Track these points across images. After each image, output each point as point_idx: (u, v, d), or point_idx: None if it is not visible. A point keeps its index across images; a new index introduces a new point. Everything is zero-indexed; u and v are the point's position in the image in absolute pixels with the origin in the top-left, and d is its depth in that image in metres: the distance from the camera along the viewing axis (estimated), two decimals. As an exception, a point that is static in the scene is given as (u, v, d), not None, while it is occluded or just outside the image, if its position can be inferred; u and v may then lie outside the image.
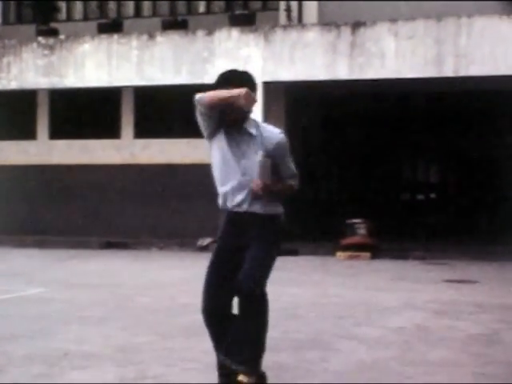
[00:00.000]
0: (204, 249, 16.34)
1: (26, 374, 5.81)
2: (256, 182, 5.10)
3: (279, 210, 5.42)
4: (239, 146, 5.23)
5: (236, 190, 5.21)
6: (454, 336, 7.48)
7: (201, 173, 17.77)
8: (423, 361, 6.38)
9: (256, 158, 5.18)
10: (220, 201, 5.35)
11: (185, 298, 9.55)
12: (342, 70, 16.11)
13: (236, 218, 5.25)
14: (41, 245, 17.58)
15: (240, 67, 15.57)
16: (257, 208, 5.22)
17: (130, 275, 12.53)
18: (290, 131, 18.66)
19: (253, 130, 5.25)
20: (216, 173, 5.35)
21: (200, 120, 5.36)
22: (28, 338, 7.17)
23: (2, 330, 7.60)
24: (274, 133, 5.36)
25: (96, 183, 18.74)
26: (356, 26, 16.02)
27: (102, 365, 6.13)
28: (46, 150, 19.44)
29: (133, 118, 18.98)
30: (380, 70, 15.93)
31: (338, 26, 16.13)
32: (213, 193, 5.36)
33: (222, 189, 5.30)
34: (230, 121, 5.23)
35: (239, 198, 5.21)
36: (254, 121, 5.33)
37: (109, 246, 17.27)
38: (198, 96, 5.29)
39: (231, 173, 5.23)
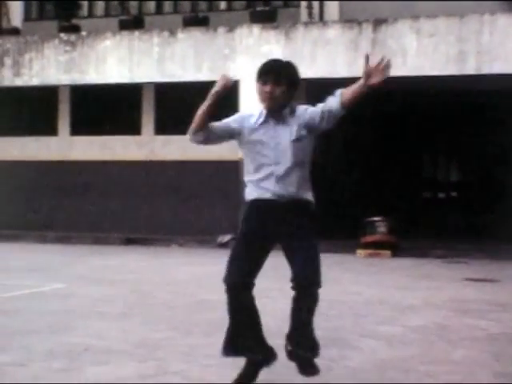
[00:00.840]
0: (224, 246, 16.34)
1: (47, 368, 5.83)
2: None
3: (310, 195, 5.34)
4: (275, 136, 5.21)
5: (267, 178, 5.17)
6: (475, 335, 7.44)
7: (221, 170, 17.85)
8: (444, 360, 6.35)
9: (290, 146, 5.16)
10: (250, 190, 5.29)
11: (204, 294, 9.55)
12: (362, 67, 16.02)
13: (268, 206, 5.20)
14: (62, 241, 17.67)
15: (261, 64, 15.47)
16: (292, 194, 5.18)
17: (150, 271, 12.55)
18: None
19: (289, 117, 5.24)
20: (248, 163, 5.31)
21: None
22: (48, 333, 7.20)
23: (22, 324, 7.63)
24: (304, 107, 5.34)
25: (117, 180, 18.79)
26: (377, 23, 15.97)
27: (122, 360, 6.14)
28: (66, 146, 19.51)
29: (153, 114, 19.01)
30: (401, 67, 15.84)
31: (359, 24, 16.08)
32: (232, 190, 5.36)
33: (252, 177, 5.25)
34: (268, 109, 5.26)
35: (271, 186, 5.17)
36: (291, 107, 5.29)
37: (129, 242, 17.32)
38: (188, 136, 5.51)
39: (265, 162, 5.20)
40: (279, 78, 5.25)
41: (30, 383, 5.43)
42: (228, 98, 19.21)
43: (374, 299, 9.62)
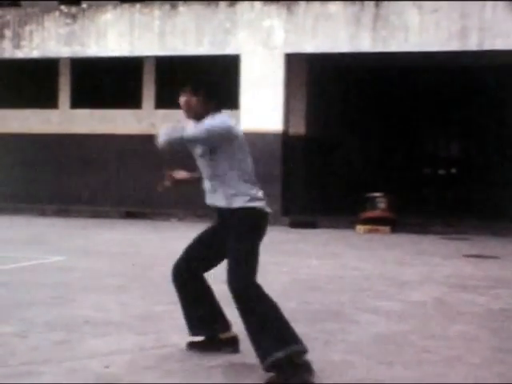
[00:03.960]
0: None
1: (47, 340, 5.85)
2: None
3: (242, 201, 5.30)
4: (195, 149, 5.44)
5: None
6: (473, 310, 7.47)
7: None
8: (442, 335, 6.38)
9: (201, 161, 5.38)
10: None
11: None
12: (364, 42, 16.00)
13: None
14: (61, 214, 17.69)
15: (262, 38, 15.61)
16: (221, 205, 5.35)
17: (149, 245, 12.58)
18: (311, 103, 18.66)
19: None
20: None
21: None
22: (48, 305, 7.23)
23: (22, 296, 7.66)
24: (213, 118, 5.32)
25: (117, 153, 18.77)
26: (380, -2, 15.89)
27: (121, 332, 6.16)
28: (67, 119, 19.47)
29: (154, 88, 18.96)
30: (403, 43, 15.80)
31: (361, -1, 16.00)
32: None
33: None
34: (189, 119, 5.42)
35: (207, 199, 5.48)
36: (212, 116, 5.30)
37: (128, 215, 17.33)
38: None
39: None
40: (196, 88, 5.31)
41: (28, 355, 5.46)
42: (229, 73, 19.16)
43: (374, 274, 9.64)
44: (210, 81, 5.47)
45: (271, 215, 5.40)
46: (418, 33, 15.70)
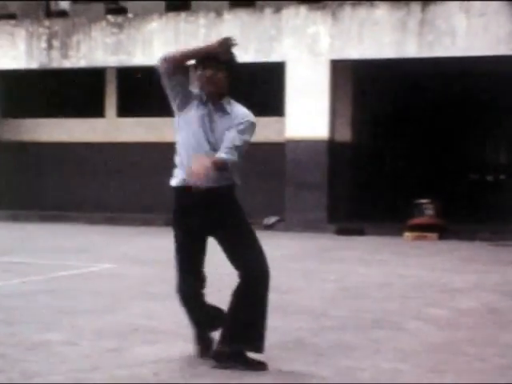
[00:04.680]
0: (269, 227, 16.35)
1: (97, 347, 5.88)
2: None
3: (231, 178, 5.29)
4: (211, 122, 5.21)
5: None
6: (525, 318, 7.36)
7: (272, 151, 17.77)
8: (494, 342, 6.28)
9: (226, 134, 5.15)
10: (179, 177, 5.34)
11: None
12: (410, 48, 15.89)
13: (200, 194, 5.16)
14: (109, 222, 17.81)
15: (307, 45, 15.62)
16: (221, 182, 5.18)
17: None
18: (356, 109, 18.56)
19: (228, 107, 5.24)
20: (181, 148, 5.34)
21: (168, 89, 5.30)
22: (98, 313, 7.27)
23: (72, 304, 7.71)
24: (246, 112, 5.32)
25: (163, 161, 18.79)
26: (426, 3, 15.76)
27: (170, 340, 6.18)
28: (113, 128, 19.62)
29: (200, 96, 19.00)
30: (450, 47, 15.66)
31: (407, 3, 15.88)
32: (279, 172, 5.35)
33: (185, 164, 5.24)
34: (208, 94, 5.20)
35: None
36: (229, 99, 5.29)
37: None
38: (162, 55, 5.18)
39: (199, 148, 5.19)
40: (231, 65, 5.23)
41: (80, 362, 5.49)
42: (273, 80, 19.15)
43: (422, 282, 9.55)
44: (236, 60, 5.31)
45: (315, 223, 5.47)
46: (465, 37, 15.54)
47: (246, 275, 5.20)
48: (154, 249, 13.00)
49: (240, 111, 5.29)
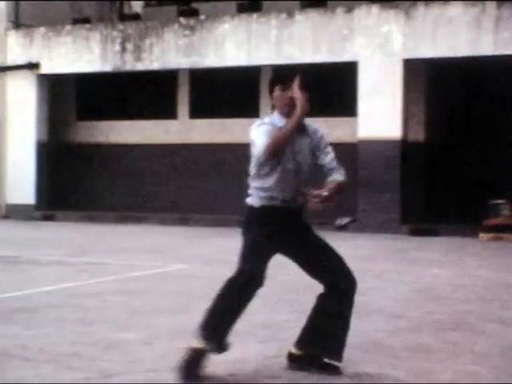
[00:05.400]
0: (342, 228, 16.27)
1: (172, 347, 5.91)
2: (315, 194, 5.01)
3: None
4: (293, 143, 5.20)
5: (288, 186, 5.24)
6: None
7: (344, 151, 17.62)
8: None
9: (309, 157, 5.21)
10: (264, 197, 5.45)
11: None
12: (486, 45, 15.63)
13: (284, 213, 5.27)
14: (182, 222, 17.94)
15: (380, 44, 15.48)
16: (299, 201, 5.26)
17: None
18: (430, 109, 18.32)
19: (304, 126, 5.23)
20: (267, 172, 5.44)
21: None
22: (172, 313, 7.32)
23: (147, 304, 7.79)
24: (316, 127, 5.34)
25: (235, 162, 18.91)
26: (501, 0, 15.48)
27: (244, 341, 6.16)
28: (186, 129, 19.77)
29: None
30: (526, 45, 15.36)
31: (482, 1, 15.63)
32: (352, 172, 5.33)
33: (271, 185, 5.38)
34: (287, 115, 5.20)
35: (290, 195, 5.25)
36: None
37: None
38: (264, 147, 5.30)
39: (284, 171, 5.26)
40: (303, 84, 5.23)
41: (156, 361, 5.53)
42: (345, 80, 18.99)
43: (499, 283, 9.38)
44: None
45: (388, 223, 5.53)
46: (541, 34, 15.22)
47: (338, 285, 5.18)
48: (225, 250, 13.01)
49: (311, 127, 5.31)
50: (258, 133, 5.22)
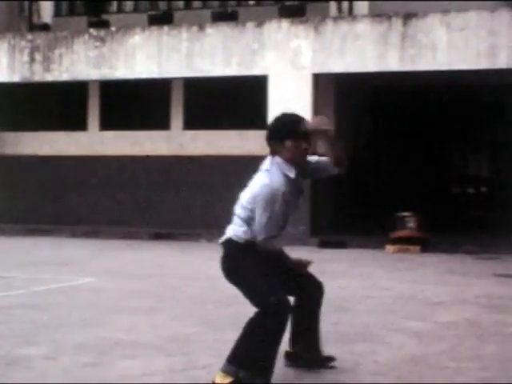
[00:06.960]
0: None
1: (77, 362, 5.85)
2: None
3: None
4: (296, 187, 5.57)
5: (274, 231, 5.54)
6: (506, 331, 7.37)
7: (249, 165, 17.79)
8: (475, 356, 6.30)
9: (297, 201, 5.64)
10: (266, 237, 5.44)
11: (234, 289, 9.51)
12: (392, 61, 15.96)
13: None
14: (91, 235, 17.75)
15: (289, 59, 15.61)
16: None
17: (179, 266, 12.58)
18: (339, 124, 18.62)
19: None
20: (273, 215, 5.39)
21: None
22: (78, 327, 7.24)
23: (52, 318, 7.68)
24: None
25: (146, 174, 18.84)
26: (407, 17, 15.85)
27: (151, 354, 6.15)
28: (96, 141, 19.59)
29: (182, 109, 19.03)
30: (431, 61, 15.74)
31: (389, 18, 15.97)
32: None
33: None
34: (296, 165, 5.53)
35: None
36: None
37: (158, 237, 17.34)
38: (262, 242, 5.46)
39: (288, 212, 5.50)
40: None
41: (59, 377, 5.46)
42: (255, 94, 19.13)
43: (404, 295, 9.56)
44: None
45: (297, 236, 5.85)
46: (446, 51, 15.63)
47: (315, 293, 5.91)
48: (135, 263, 12.98)
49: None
50: (265, 198, 5.45)
